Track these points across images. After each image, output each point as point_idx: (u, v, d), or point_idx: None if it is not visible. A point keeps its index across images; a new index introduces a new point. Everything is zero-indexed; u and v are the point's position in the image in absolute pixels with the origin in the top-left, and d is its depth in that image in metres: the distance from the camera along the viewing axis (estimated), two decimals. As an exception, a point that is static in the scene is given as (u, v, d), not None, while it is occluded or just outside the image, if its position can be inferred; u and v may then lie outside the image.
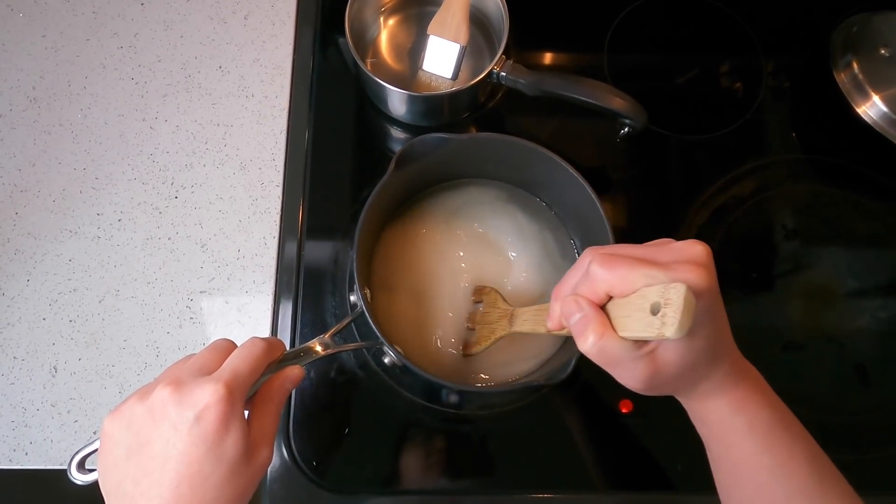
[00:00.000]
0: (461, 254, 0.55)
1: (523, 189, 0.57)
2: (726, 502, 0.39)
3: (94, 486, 0.35)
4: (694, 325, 0.30)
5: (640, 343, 0.32)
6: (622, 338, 0.32)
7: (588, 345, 0.32)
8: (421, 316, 0.53)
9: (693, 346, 0.32)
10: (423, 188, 0.57)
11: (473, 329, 0.52)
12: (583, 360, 0.43)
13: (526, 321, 0.45)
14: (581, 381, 0.56)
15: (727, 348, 0.35)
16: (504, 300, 0.51)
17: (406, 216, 0.56)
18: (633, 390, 0.34)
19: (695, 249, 0.32)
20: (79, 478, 0.37)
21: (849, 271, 0.60)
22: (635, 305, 0.31)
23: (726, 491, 0.38)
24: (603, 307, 0.33)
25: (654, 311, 0.29)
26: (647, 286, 0.30)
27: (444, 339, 0.53)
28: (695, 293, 0.29)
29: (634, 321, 0.31)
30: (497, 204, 0.57)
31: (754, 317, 0.59)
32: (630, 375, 0.33)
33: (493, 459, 0.54)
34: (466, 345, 0.52)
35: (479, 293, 0.53)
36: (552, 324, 0.37)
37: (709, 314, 0.32)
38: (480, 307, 0.52)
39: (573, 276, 0.35)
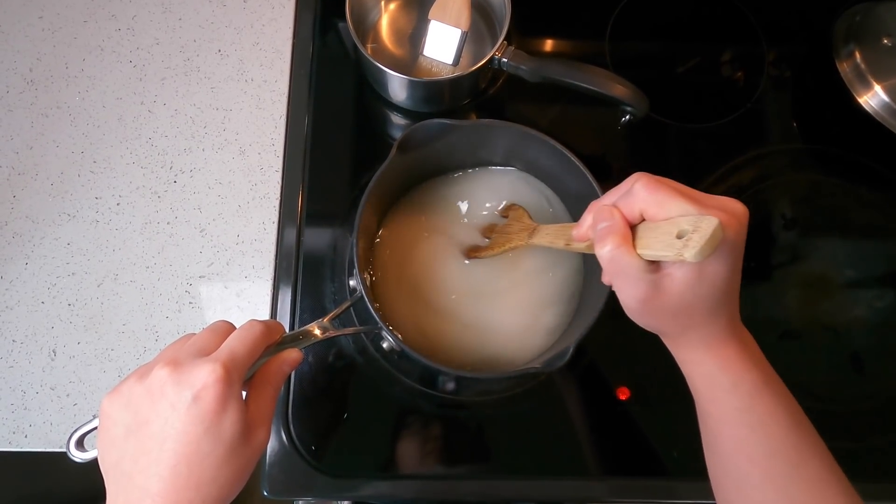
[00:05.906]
0: (463, 240, 0.55)
1: (524, 176, 0.57)
2: (709, 458, 0.39)
3: (93, 469, 0.35)
4: (707, 264, 0.32)
5: (652, 266, 0.34)
6: (638, 255, 0.33)
7: (605, 250, 0.34)
8: (421, 301, 0.53)
9: (697, 288, 0.33)
10: (423, 175, 0.56)
11: (489, 238, 0.53)
12: (580, 349, 0.43)
13: (547, 235, 0.46)
14: (579, 369, 0.56)
15: (728, 309, 0.36)
16: (531, 218, 0.51)
17: (407, 203, 0.56)
18: (627, 311, 0.37)
19: (737, 205, 0.34)
20: (77, 455, 0.38)
21: (846, 261, 0.61)
22: (663, 230, 0.33)
23: (709, 447, 0.39)
24: (633, 228, 0.35)
25: (680, 236, 0.31)
26: (680, 216, 0.32)
27: (443, 323, 0.53)
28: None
29: (657, 241, 0.32)
30: (496, 190, 0.57)
31: (752, 306, 0.59)
32: (630, 293, 0.35)
33: (490, 445, 0.54)
34: (475, 249, 0.53)
35: (507, 210, 0.54)
36: (579, 232, 0.38)
37: (723, 262, 0.33)
38: (505, 221, 0.53)
39: (614, 193, 0.36)
